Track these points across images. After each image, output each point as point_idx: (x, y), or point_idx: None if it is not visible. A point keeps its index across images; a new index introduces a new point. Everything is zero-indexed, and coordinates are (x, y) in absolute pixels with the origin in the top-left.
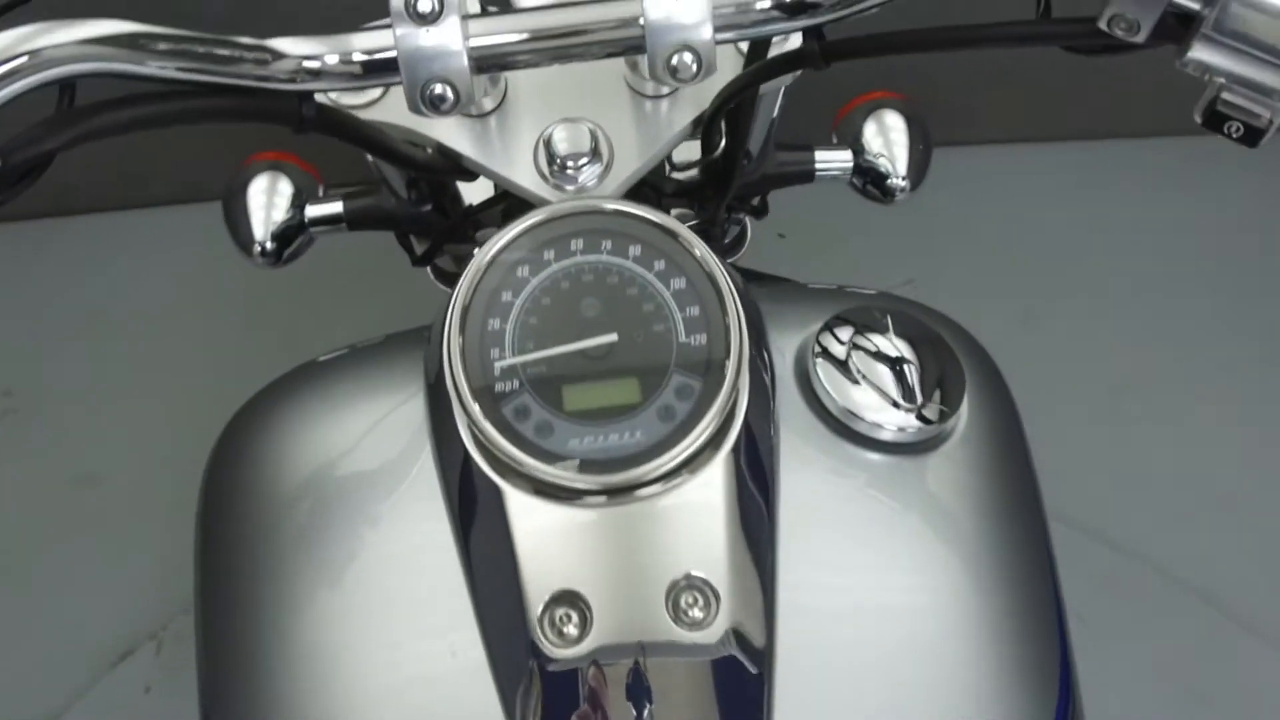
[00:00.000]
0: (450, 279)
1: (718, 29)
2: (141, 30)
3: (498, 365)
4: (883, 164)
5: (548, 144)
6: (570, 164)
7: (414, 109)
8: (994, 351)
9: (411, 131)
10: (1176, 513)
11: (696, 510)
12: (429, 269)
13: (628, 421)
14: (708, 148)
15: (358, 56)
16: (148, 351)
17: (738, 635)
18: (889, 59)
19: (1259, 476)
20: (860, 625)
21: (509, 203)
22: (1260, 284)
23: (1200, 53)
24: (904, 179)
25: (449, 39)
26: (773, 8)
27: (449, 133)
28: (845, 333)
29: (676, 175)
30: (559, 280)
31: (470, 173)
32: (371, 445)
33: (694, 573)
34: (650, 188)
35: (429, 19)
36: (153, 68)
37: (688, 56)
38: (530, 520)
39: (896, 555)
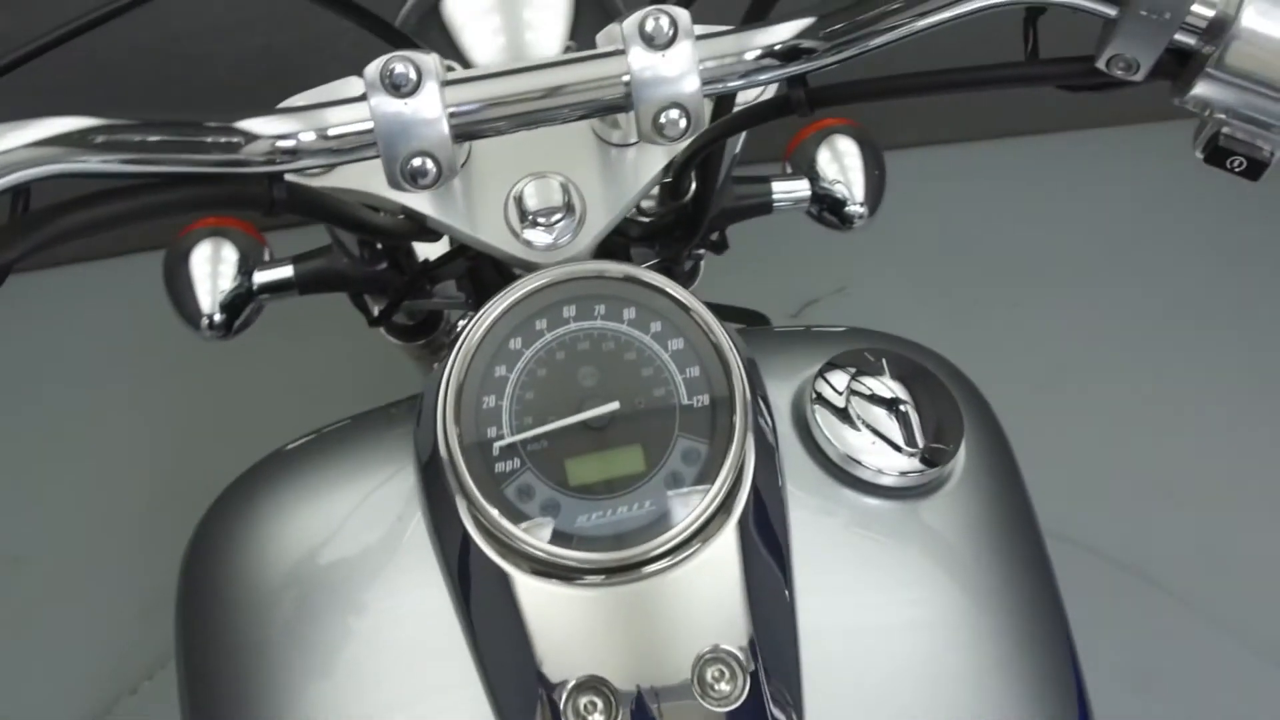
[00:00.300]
0: (404, 333)
1: (704, 82)
2: (96, 124)
3: (497, 445)
4: (839, 190)
5: (519, 200)
6: (542, 220)
7: (394, 184)
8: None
9: (373, 196)
10: (1112, 497)
11: (714, 579)
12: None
13: (635, 492)
14: (677, 192)
15: (334, 132)
16: (71, 423)
17: (767, 704)
18: None
19: (1191, 458)
20: (888, 676)
21: (469, 256)
22: (1187, 274)
23: (1202, 89)
24: (862, 204)
25: (429, 109)
26: (762, 56)
27: (413, 195)
28: (841, 378)
29: (642, 219)
30: (554, 350)
31: (435, 233)
32: (354, 532)
33: (720, 645)
34: (617, 233)
35: (407, 90)
36: (112, 163)
37: (675, 113)
38: (543, 605)
39: (913, 601)
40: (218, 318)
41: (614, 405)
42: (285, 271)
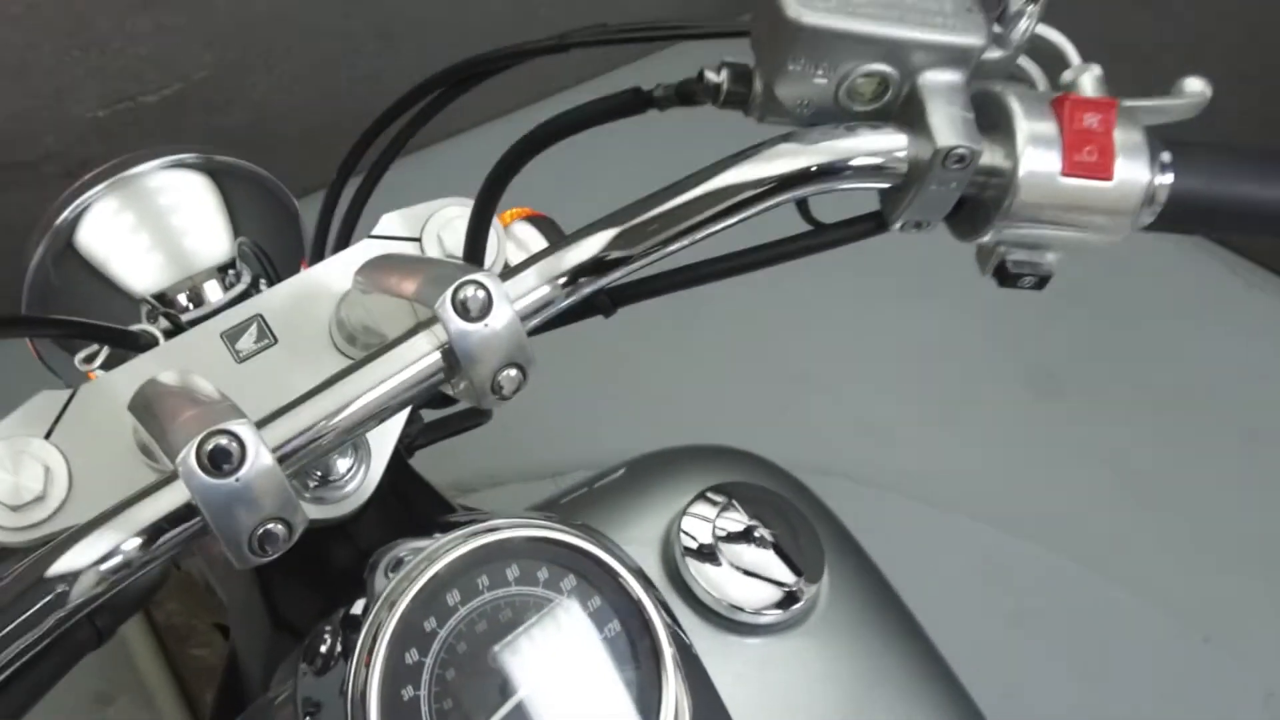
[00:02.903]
0: None
1: (523, 319)
2: None
3: None
4: None
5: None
6: (331, 477)
7: (242, 563)
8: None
9: None
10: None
11: None
12: None
13: None
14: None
15: (164, 540)
16: None
17: None
18: None
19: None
20: None
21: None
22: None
23: (991, 233)
24: None
25: (265, 477)
26: (570, 280)
27: None
28: (705, 519)
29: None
30: (454, 645)
31: None
32: None
33: None
34: None
35: (231, 467)
36: None
37: (511, 372)
38: None
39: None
40: None
41: (543, 679)
42: None
